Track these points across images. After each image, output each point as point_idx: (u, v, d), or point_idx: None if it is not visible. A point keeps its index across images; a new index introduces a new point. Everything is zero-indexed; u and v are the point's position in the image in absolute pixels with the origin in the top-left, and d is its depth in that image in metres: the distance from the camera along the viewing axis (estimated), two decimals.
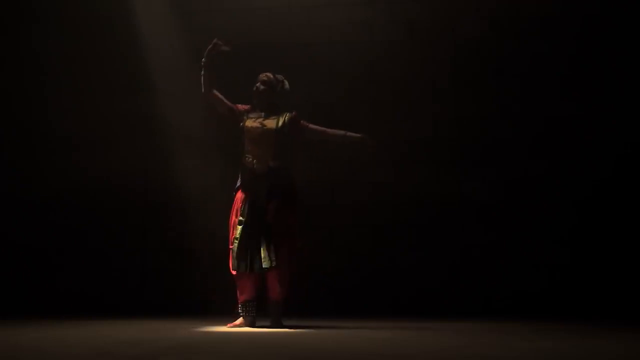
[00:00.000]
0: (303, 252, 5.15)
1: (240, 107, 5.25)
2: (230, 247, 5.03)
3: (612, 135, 6.57)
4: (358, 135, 5.24)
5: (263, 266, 4.87)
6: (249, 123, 5.13)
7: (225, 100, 5.25)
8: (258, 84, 5.24)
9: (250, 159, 5.07)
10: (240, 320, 5.07)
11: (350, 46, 6.87)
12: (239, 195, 5.11)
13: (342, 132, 5.27)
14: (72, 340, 4.16)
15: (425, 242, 6.65)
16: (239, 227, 4.99)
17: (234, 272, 5.01)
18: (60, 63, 7.10)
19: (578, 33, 6.67)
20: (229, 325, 5.06)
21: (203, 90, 5.24)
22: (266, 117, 5.16)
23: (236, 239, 4.97)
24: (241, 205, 5.04)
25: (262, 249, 4.88)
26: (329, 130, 5.29)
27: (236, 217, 5.06)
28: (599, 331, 4.77)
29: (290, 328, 4.92)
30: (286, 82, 5.31)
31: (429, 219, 6.67)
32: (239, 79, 6.87)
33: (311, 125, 5.25)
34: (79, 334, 4.56)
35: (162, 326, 5.07)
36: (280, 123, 5.12)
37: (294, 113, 5.20)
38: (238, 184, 5.15)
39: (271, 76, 5.27)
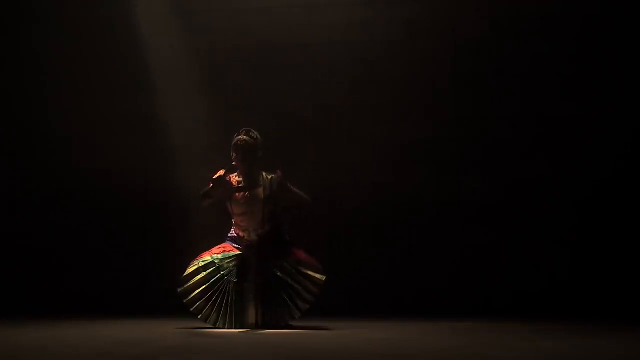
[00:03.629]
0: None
1: (222, 173, 4.97)
2: (190, 268, 4.97)
3: (612, 135, 6.57)
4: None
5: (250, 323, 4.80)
6: (236, 195, 4.99)
7: (216, 190, 4.98)
8: (238, 155, 5.00)
9: (240, 232, 5.02)
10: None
11: (350, 46, 6.87)
12: (227, 245, 5.06)
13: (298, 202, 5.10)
14: (72, 340, 4.16)
15: (425, 242, 6.65)
16: (213, 263, 4.93)
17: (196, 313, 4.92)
18: (60, 63, 7.10)
19: (578, 33, 6.67)
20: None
21: (205, 202, 5.09)
22: (251, 185, 5.01)
23: (201, 265, 4.92)
24: (226, 251, 4.99)
25: (253, 306, 4.82)
26: (297, 198, 5.08)
27: (214, 251, 5.01)
28: (599, 331, 4.77)
29: (292, 328, 4.93)
30: (257, 134, 5.09)
31: (429, 219, 6.67)
32: (239, 79, 6.93)
33: (293, 190, 5.06)
34: (79, 334, 4.56)
35: (162, 326, 5.07)
36: (267, 191, 4.99)
37: (278, 174, 4.99)
38: (230, 235, 5.10)
39: (247, 138, 5.03)
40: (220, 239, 5.26)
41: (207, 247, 5.61)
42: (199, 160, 6.86)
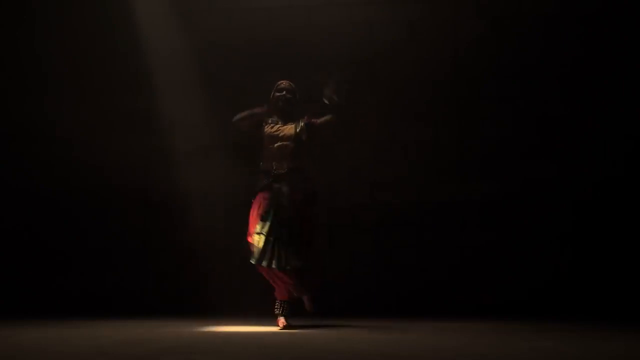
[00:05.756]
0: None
1: (259, 109, 5.28)
2: (249, 240, 5.05)
3: (612, 135, 6.57)
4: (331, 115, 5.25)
5: (290, 265, 4.91)
6: (268, 130, 5.22)
7: (249, 115, 5.26)
8: (284, 93, 5.29)
9: (270, 163, 5.15)
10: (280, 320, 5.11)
11: (351, 46, 6.87)
12: (260, 195, 5.15)
13: (328, 116, 5.27)
14: (72, 340, 4.16)
15: (425, 242, 6.65)
16: (261, 222, 5.02)
17: (258, 266, 5.01)
18: (61, 63, 7.10)
19: (578, 33, 6.67)
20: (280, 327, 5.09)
21: (241, 119, 5.25)
22: (284, 124, 5.24)
23: (258, 234, 5.00)
24: (263, 202, 5.08)
25: (288, 248, 4.94)
26: (325, 118, 5.28)
27: (257, 213, 5.08)
28: (599, 331, 4.77)
29: (294, 328, 4.94)
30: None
31: (429, 219, 6.67)
32: (239, 79, 6.93)
33: (318, 121, 5.28)
34: (80, 333, 4.56)
35: (162, 326, 5.08)
36: (298, 129, 5.21)
37: (306, 118, 5.26)
38: (258, 187, 5.19)
39: (292, 84, 5.36)
40: (220, 242, 5.26)
41: (207, 247, 5.64)
42: (199, 160, 6.88)
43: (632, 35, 6.60)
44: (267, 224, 5.02)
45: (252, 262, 5.01)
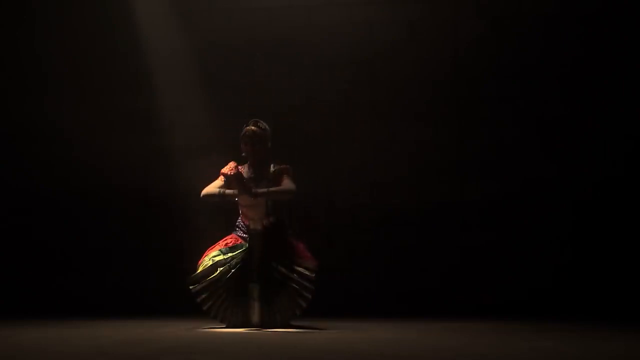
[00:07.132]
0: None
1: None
2: (200, 266, 4.94)
3: (612, 135, 6.57)
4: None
5: (259, 322, 4.78)
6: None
7: (219, 196, 4.99)
8: (250, 145, 4.98)
9: (245, 221, 4.97)
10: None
11: (350, 46, 6.87)
12: (235, 237, 5.07)
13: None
14: (72, 340, 4.16)
15: (425, 242, 6.65)
16: (219, 251, 4.91)
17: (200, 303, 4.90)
18: (61, 63, 7.10)
19: (578, 33, 6.67)
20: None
21: (209, 197, 5.05)
22: (258, 180, 4.97)
23: (212, 259, 4.89)
24: (232, 244, 4.98)
25: (257, 304, 4.78)
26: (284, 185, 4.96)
27: (221, 245, 4.99)
28: (599, 331, 4.77)
29: (292, 328, 4.93)
30: (266, 124, 5.05)
31: (429, 219, 6.67)
32: (238, 79, 6.93)
33: (285, 179, 4.96)
34: (79, 334, 4.56)
35: (162, 326, 5.07)
36: (271, 184, 4.93)
37: (283, 167, 5.01)
38: (237, 224, 5.12)
39: (255, 129, 4.99)
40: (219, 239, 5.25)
41: (207, 246, 5.62)
42: (199, 160, 6.87)
43: (632, 35, 6.60)
44: (226, 256, 4.88)
45: (191, 287, 4.88)
